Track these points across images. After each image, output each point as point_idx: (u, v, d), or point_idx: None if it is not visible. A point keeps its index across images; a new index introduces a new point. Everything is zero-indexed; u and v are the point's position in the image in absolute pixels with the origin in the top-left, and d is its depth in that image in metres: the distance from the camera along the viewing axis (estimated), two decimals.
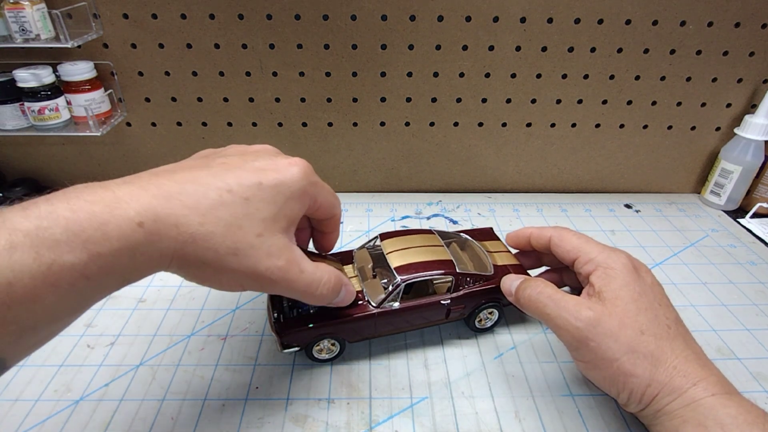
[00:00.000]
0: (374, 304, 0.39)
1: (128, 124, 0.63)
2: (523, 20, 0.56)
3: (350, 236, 0.59)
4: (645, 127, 0.64)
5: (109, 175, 0.72)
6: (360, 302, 0.40)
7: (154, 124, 0.63)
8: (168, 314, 0.46)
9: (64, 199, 0.24)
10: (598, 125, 0.64)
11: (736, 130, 0.62)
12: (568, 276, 0.44)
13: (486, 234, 0.50)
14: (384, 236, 0.44)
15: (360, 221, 0.62)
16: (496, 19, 0.56)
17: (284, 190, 0.31)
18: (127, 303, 0.48)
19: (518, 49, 0.58)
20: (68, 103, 0.57)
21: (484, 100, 0.62)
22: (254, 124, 0.63)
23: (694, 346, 0.33)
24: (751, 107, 0.63)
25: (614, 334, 0.32)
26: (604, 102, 0.62)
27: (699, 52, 0.59)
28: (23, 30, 0.50)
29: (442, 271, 0.40)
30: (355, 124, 0.63)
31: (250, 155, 0.33)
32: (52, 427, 0.36)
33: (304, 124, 0.63)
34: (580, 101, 0.62)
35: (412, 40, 0.57)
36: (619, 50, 0.58)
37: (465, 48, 0.58)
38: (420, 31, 0.56)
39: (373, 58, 0.58)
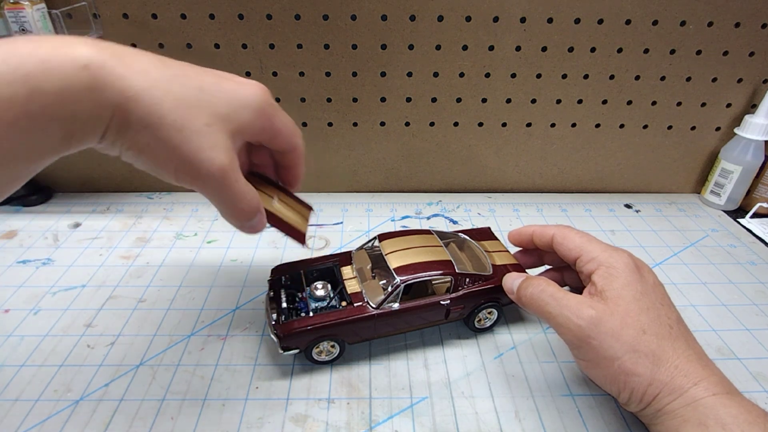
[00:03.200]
0: (374, 305, 0.39)
1: None
2: (523, 20, 0.56)
3: (350, 236, 0.59)
4: (645, 127, 0.64)
5: (109, 175, 0.72)
6: (359, 303, 0.40)
7: None
8: (168, 314, 0.46)
9: (7, 41, 0.23)
10: (598, 125, 0.64)
11: (736, 130, 0.62)
12: (569, 275, 0.44)
13: (484, 234, 0.50)
14: (382, 237, 0.44)
15: (360, 221, 0.62)
16: (496, 19, 0.56)
17: (240, 96, 0.30)
18: (127, 303, 0.48)
19: (518, 49, 0.58)
20: None
21: (484, 100, 0.62)
22: None
23: (695, 346, 0.33)
24: (751, 107, 0.63)
25: (616, 333, 0.32)
26: (604, 102, 0.62)
27: (699, 52, 0.59)
28: (23, 30, 0.50)
29: (441, 272, 0.40)
30: (355, 124, 0.63)
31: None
32: (52, 427, 0.36)
33: (304, 124, 0.63)
34: (580, 101, 0.62)
35: (412, 40, 0.57)
36: (619, 50, 0.58)
37: (465, 48, 0.58)
38: (420, 31, 0.56)
39: (373, 58, 0.58)
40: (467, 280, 0.42)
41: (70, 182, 0.67)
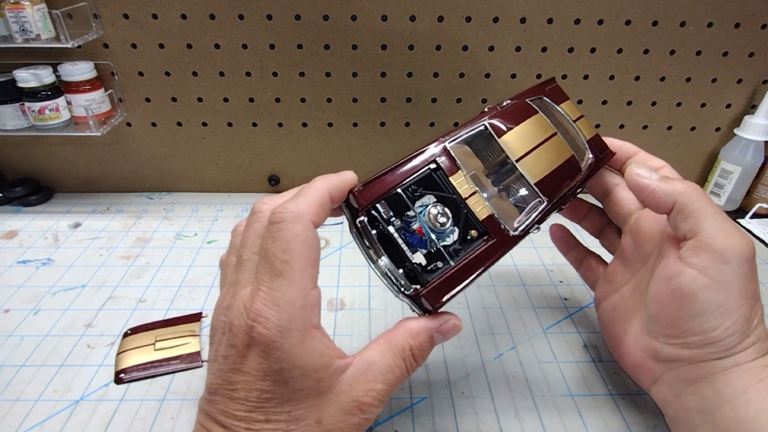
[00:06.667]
0: (516, 233, 0.31)
1: (128, 124, 0.63)
2: (523, 20, 0.56)
3: (351, 236, 0.59)
4: (645, 127, 0.65)
5: (109, 175, 0.71)
6: (500, 233, 0.31)
7: (154, 124, 0.63)
8: (168, 314, 0.46)
9: None
10: (598, 125, 0.64)
11: (735, 131, 0.62)
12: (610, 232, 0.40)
13: (556, 92, 0.38)
14: (497, 126, 0.33)
15: None
16: (496, 20, 0.56)
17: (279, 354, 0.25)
18: (127, 303, 0.48)
19: (518, 49, 0.58)
20: (68, 103, 0.57)
21: (484, 101, 0.62)
22: (254, 125, 0.63)
23: None
24: (751, 108, 0.63)
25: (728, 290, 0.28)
26: (604, 102, 0.62)
27: (699, 53, 0.59)
28: (24, 30, 0.50)
29: (571, 177, 0.33)
30: (355, 125, 0.63)
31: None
32: (52, 427, 0.36)
33: (304, 125, 0.63)
34: (580, 101, 0.62)
35: (412, 40, 0.57)
36: (619, 51, 0.58)
37: (465, 48, 0.58)
38: (420, 31, 0.56)
39: (373, 58, 0.58)
40: (584, 173, 0.34)
41: (70, 182, 0.67)
